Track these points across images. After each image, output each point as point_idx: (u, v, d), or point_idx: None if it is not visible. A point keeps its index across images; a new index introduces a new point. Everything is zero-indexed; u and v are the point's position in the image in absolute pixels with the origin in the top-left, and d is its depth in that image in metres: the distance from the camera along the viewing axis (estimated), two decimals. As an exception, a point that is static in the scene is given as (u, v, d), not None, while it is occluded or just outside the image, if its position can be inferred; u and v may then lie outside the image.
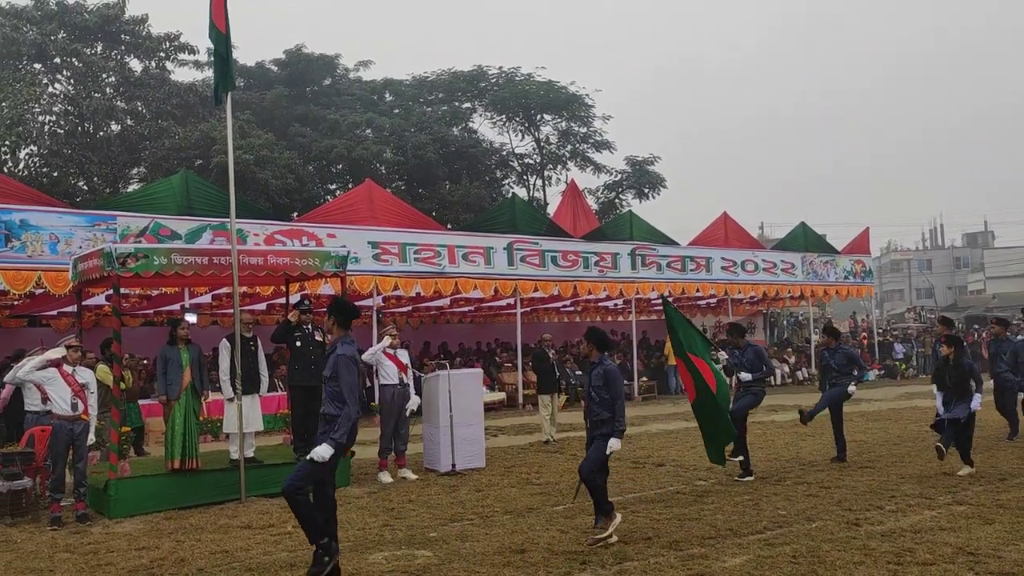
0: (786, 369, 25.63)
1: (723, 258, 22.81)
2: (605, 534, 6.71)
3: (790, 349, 28.21)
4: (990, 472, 9.26)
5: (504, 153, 35.99)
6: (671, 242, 22.02)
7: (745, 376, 9.54)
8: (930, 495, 8.20)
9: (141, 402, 14.59)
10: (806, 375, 25.76)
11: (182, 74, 41.41)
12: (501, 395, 19.61)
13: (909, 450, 11.06)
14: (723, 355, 9.01)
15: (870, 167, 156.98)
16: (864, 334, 30.61)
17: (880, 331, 30.60)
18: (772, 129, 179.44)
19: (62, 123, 27.23)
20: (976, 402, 9.33)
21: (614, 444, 6.85)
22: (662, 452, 11.78)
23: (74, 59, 27.18)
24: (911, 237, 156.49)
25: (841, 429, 10.60)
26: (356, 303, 18.30)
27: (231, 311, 10.55)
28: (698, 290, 22.45)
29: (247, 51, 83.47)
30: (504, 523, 7.59)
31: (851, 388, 10.40)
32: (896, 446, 11.58)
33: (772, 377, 9.95)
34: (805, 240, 25.26)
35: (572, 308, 26.53)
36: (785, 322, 34.23)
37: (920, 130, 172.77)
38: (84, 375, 8.53)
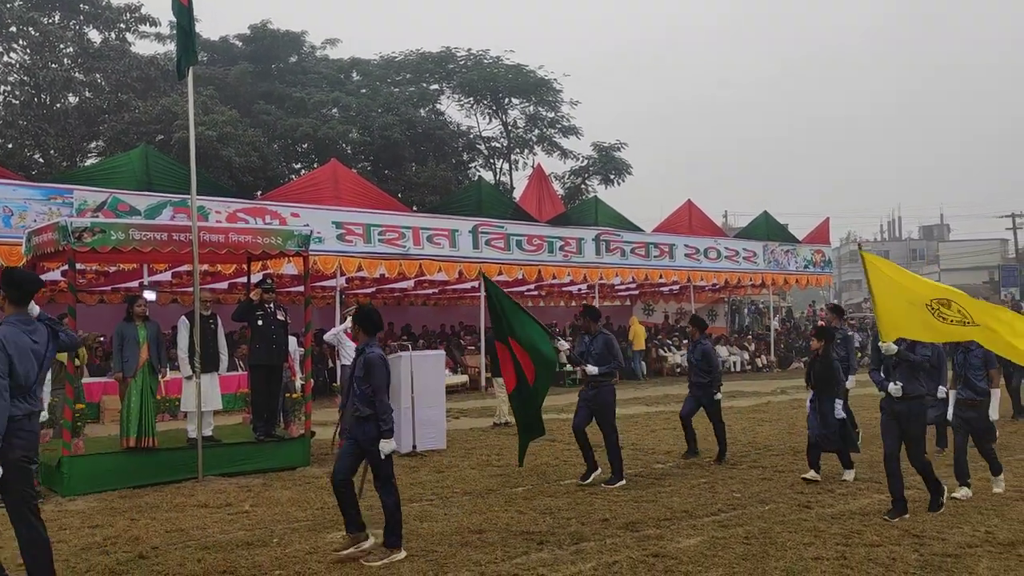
0: (746, 356, 26.03)
1: (687, 245, 23.03)
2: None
3: (750, 336, 28.63)
4: (940, 460, 9.52)
5: (471, 136, 35.86)
6: (636, 228, 22.16)
7: (591, 370, 8.48)
8: (879, 480, 8.37)
9: (97, 379, 14.39)
10: (765, 362, 26.17)
11: (143, 46, 40.45)
12: (464, 378, 19.64)
13: (862, 437, 11.29)
14: (564, 344, 8.69)
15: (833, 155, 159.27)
16: (821, 322, 31.13)
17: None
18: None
19: (17, 94, 26.52)
20: (838, 408, 8.29)
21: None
22: (621, 435, 11.88)
23: (30, 28, 26.44)
24: (870, 228, 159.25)
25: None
26: (319, 283, 18.23)
27: (191, 289, 10.42)
28: (661, 276, 22.65)
29: (211, 25, 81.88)
30: (463, 504, 7.64)
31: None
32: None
33: (620, 371, 9.18)
34: (767, 229, 25.60)
35: (536, 292, 26.61)
36: (746, 310, 34.69)
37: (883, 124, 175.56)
38: (37, 351, 8.36)
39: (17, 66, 26.93)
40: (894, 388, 6.85)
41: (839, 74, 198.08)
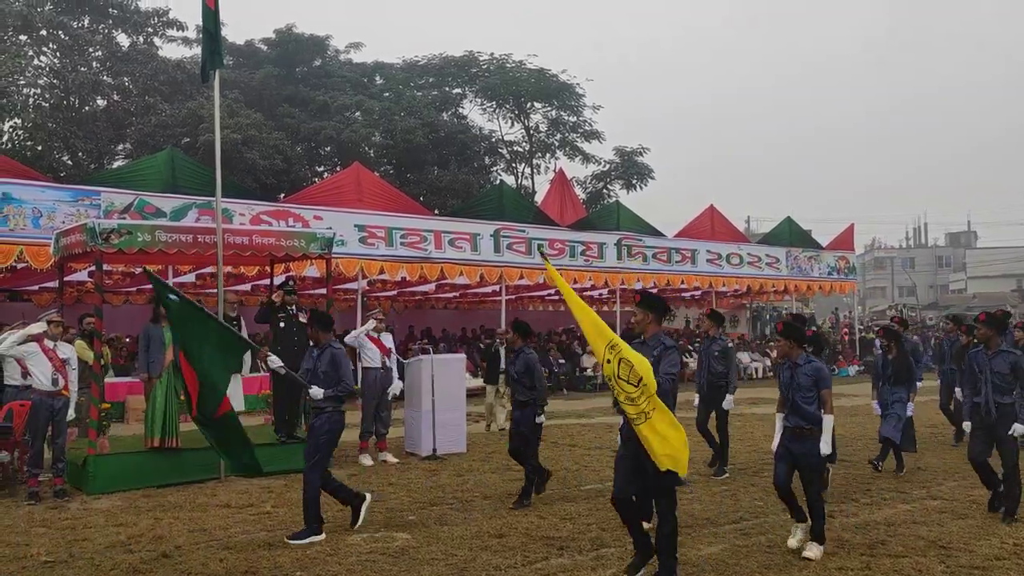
0: (767, 363, 25.82)
1: (708, 251, 22.89)
2: None
3: (771, 344, 28.39)
4: (963, 468, 9.38)
5: (493, 140, 35.90)
6: (657, 233, 22.08)
7: (315, 393, 6.70)
8: (905, 489, 8.31)
9: (122, 379, 14.55)
10: (787, 369, 25.97)
11: (170, 50, 40.84)
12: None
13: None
14: (274, 359, 7.01)
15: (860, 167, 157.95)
16: (845, 330, 30.85)
17: (862, 327, 30.86)
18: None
19: (47, 96, 26.88)
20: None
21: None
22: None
23: (60, 32, 26.82)
24: (895, 235, 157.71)
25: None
26: (341, 286, 18.31)
27: (215, 291, 10.50)
28: (683, 282, 22.54)
29: (237, 29, 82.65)
30: (483, 508, 7.63)
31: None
32: (872, 440, 11.64)
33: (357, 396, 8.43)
34: (790, 235, 25.39)
35: (557, 297, 26.57)
36: (768, 316, 34.43)
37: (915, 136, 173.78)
38: (65, 350, 8.48)
39: (47, 69, 27.32)
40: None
41: (864, 75, 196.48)
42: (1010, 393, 6.95)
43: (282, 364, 7.05)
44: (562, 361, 22.79)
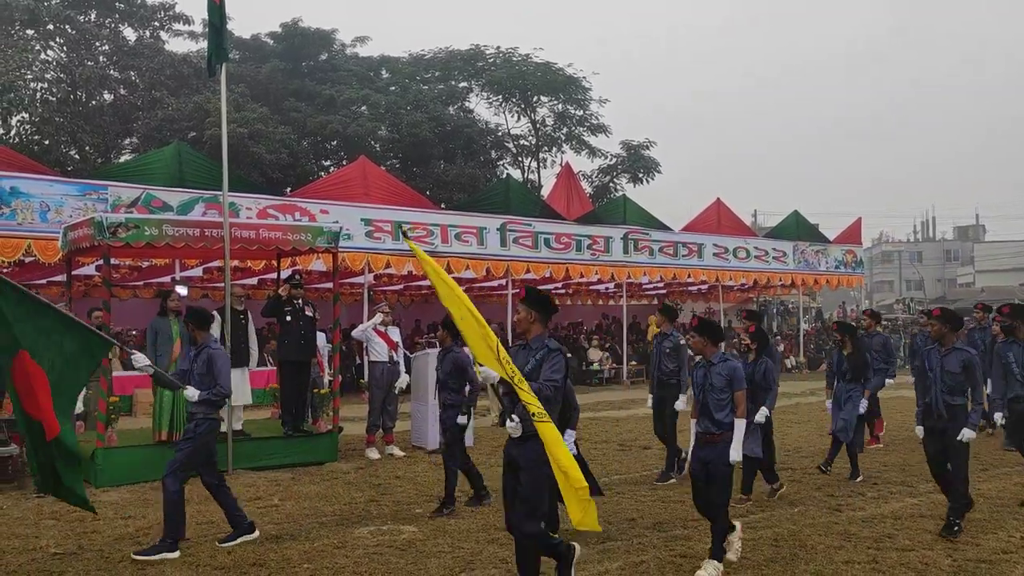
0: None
1: (715, 244, 22.82)
2: None
3: (779, 337, 28.36)
4: (971, 463, 9.36)
5: (499, 134, 35.83)
6: (664, 227, 22.04)
7: (190, 394, 6.24)
8: (911, 483, 8.30)
9: (129, 373, 14.58)
10: (795, 363, 25.96)
11: (176, 44, 40.89)
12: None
13: (893, 438, 11.15)
14: (139, 357, 6.14)
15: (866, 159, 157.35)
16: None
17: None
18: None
19: (54, 91, 26.94)
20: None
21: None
22: (649, 435, 11.82)
23: (67, 26, 26.85)
24: (903, 229, 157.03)
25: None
26: (348, 280, 18.35)
27: (222, 284, 10.53)
28: (689, 276, 22.50)
29: (243, 23, 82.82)
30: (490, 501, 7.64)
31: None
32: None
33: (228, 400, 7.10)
34: (797, 229, 25.31)
35: (564, 291, 26.56)
36: (775, 310, 34.35)
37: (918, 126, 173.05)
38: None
39: (54, 63, 27.38)
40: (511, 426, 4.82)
41: (870, 68, 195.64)
42: (962, 394, 6.49)
43: (149, 363, 6.23)
44: (569, 355, 22.78)
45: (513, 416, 4.78)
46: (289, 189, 22.73)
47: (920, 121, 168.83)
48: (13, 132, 25.79)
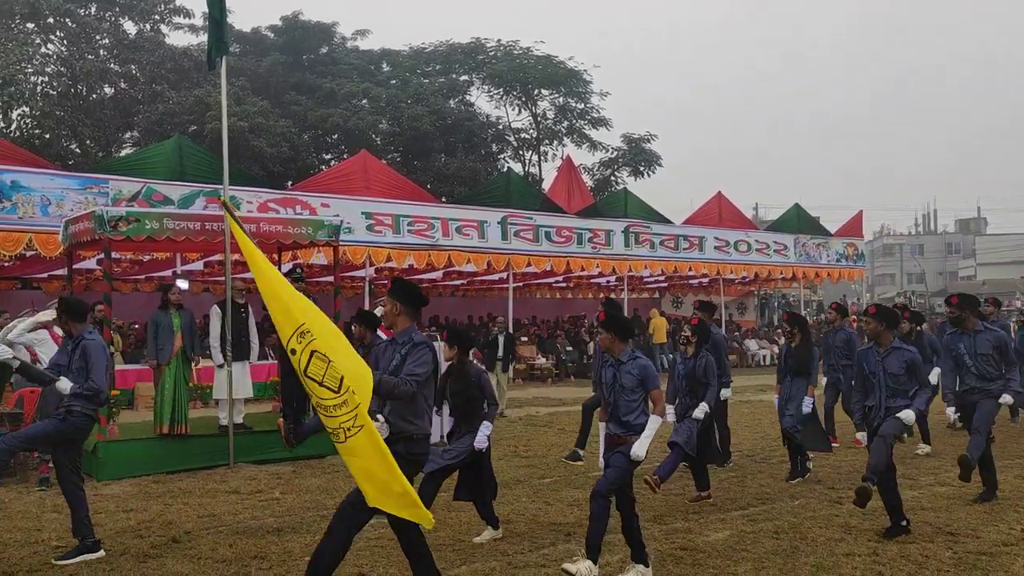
0: (775, 350, 25.79)
1: (716, 238, 22.82)
2: None
3: (779, 331, 28.34)
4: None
5: (500, 127, 35.77)
6: (665, 220, 22.02)
7: (62, 386, 5.88)
8: (913, 476, 8.30)
9: (131, 367, 14.61)
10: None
11: (177, 38, 40.88)
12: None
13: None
14: (2, 349, 6.07)
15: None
16: (853, 317, 30.72)
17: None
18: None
19: (55, 84, 26.91)
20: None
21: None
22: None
23: (67, 19, 26.82)
24: (905, 222, 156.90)
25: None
26: (349, 273, 18.35)
27: (223, 278, 10.53)
28: (690, 269, 22.50)
29: (243, 16, 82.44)
30: (491, 494, 7.65)
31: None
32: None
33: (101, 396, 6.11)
34: (798, 221, 25.29)
35: (565, 284, 26.56)
36: (776, 303, 34.36)
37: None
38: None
39: (54, 57, 27.34)
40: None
41: (869, 60, 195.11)
42: (904, 395, 6.21)
43: (14, 355, 5.98)
44: (569, 348, 22.81)
45: (378, 416, 4.50)
46: (290, 183, 22.75)
47: (920, 116, 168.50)
48: (14, 126, 25.77)
